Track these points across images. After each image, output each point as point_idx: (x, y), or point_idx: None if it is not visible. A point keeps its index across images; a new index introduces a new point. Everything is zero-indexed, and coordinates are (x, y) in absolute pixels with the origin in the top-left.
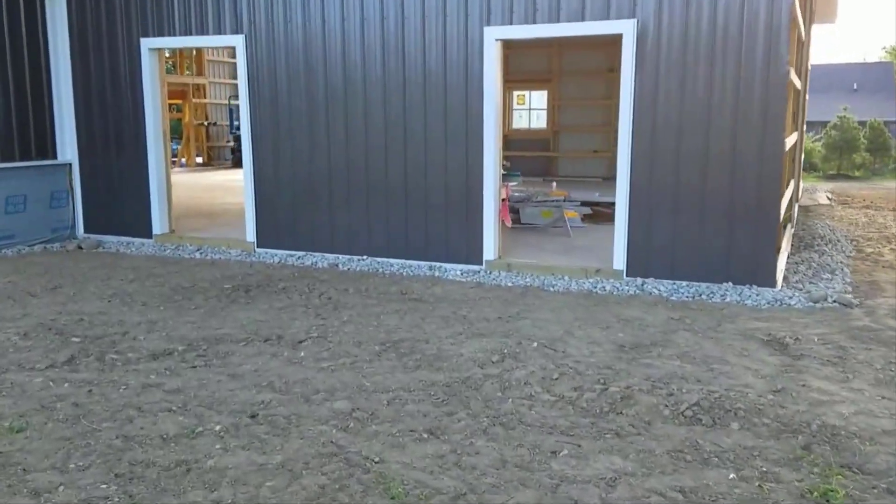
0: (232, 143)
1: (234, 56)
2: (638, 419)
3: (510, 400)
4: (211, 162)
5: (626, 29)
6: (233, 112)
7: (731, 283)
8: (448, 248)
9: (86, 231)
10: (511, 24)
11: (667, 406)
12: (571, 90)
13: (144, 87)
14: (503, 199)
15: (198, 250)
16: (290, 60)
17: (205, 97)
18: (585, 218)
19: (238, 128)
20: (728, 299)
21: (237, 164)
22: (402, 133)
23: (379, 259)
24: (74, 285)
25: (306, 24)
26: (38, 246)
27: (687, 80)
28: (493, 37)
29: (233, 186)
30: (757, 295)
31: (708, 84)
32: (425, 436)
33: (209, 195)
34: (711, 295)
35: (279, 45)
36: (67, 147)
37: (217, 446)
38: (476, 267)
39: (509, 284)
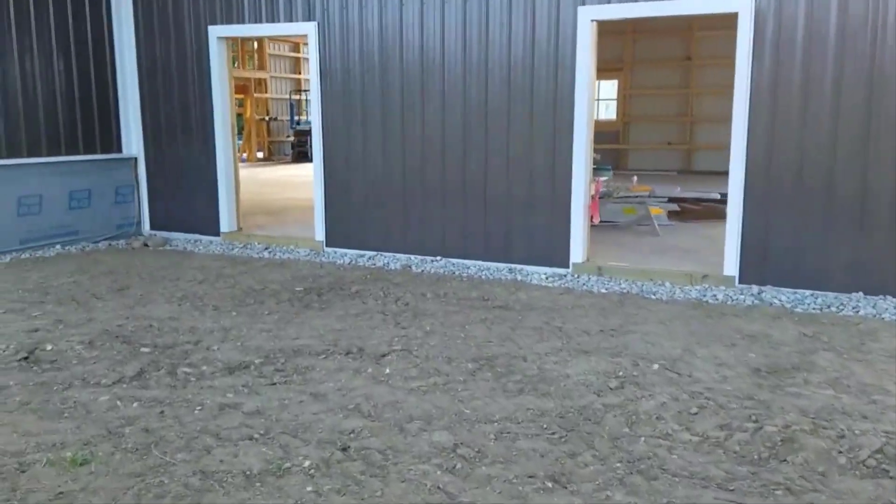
0: (292, 139)
1: (295, 50)
2: (808, 469)
3: (642, 439)
4: (271, 157)
5: (742, 6)
6: (293, 107)
7: (861, 294)
8: (531, 249)
9: (151, 228)
10: (608, 2)
11: (840, 452)
12: (644, 79)
13: (212, 77)
14: (592, 196)
15: (266, 249)
16: (365, 49)
17: (266, 92)
18: (671, 215)
19: (298, 123)
20: (862, 312)
21: (297, 159)
22: (483, 125)
23: (454, 260)
24: (142, 286)
25: (382, 10)
26: (103, 243)
27: (812, 64)
28: (589, 17)
29: (294, 182)
30: (895, 307)
31: (838, 68)
32: (549, 484)
33: (272, 191)
34: (841, 307)
35: (353, 32)
36: (133, 140)
37: (308, 488)
38: (562, 270)
39: (603, 291)
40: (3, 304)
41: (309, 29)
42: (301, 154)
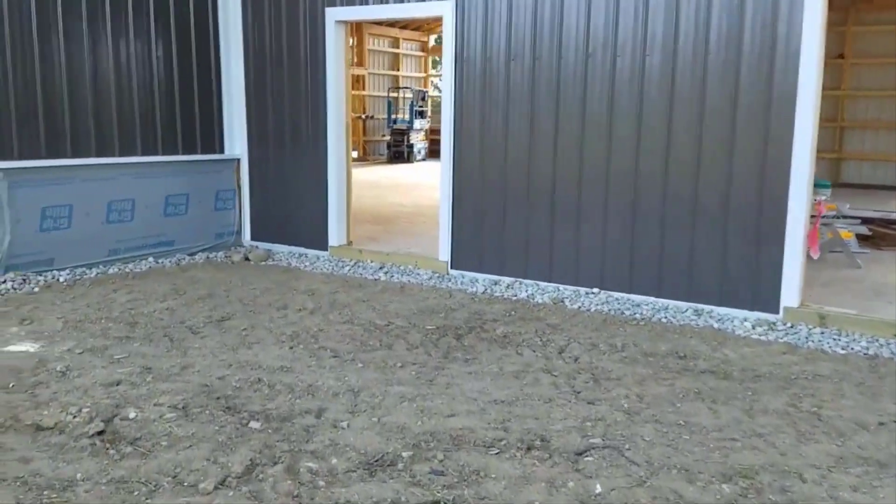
0: (388, 138)
1: (394, 46)
2: None
3: None
4: (366, 157)
5: None
6: (391, 105)
7: None
8: (725, 284)
9: (252, 238)
10: None
11: None
12: (863, 79)
13: (327, 68)
14: (813, 218)
15: (381, 268)
16: (513, 32)
17: (363, 89)
18: (863, 241)
19: (395, 121)
20: None
21: (392, 159)
22: (665, 122)
23: (617, 295)
24: (245, 316)
25: None
26: (200, 254)
27: None
28: None
29: (395, 184)
30: None
31: None
32: None
33: (373, 193)
34: None
35: (498, 13)
36: (236, 139)
37: None
38: (770, 316)
39: (839, 350)
40: (83, 338)
41: (444, 9)
42: (397, 154)
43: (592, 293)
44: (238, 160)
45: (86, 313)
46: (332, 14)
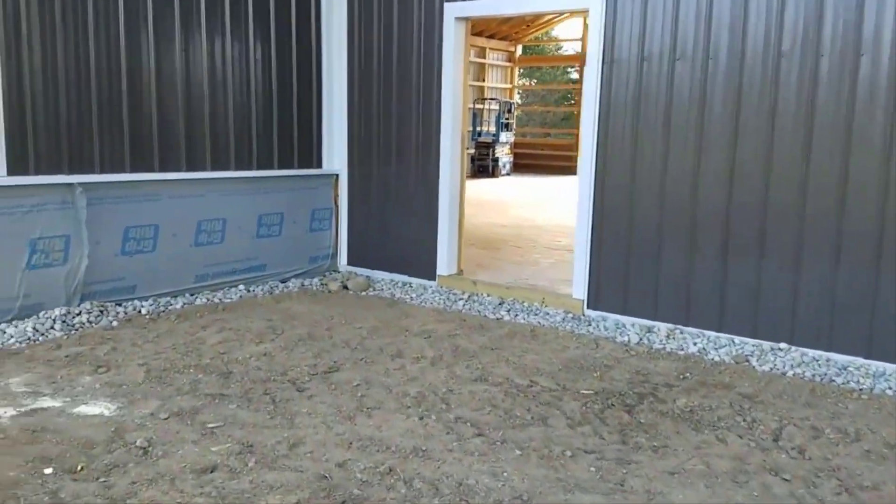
0: (472, 151)
1: (480, 56)
2: None
3: None
4: None
5: None
6: (476, 117)
7: None
8: None
9: (349, 262)
10: None
11: None
12: None
13: (443, 71)
14: None
15: (500, 305)
16: (680, 24)
17: None
18: None
19: (480, 134)
20: None
21: (476, 173)
22: (884, 139)
23: (811, 352)
24: (356, 366)
25: None
26: (293, 280)
27: None
28: None
29: (484, 201)
30: None
31: None
32: None
33: (468, 212)
34: None
35: (662, 4)
36: (335, 152)
37: None
38: None
39: None
40: (169, 395)
41: (592, 3)
42: (481, 168)
43: (780, 349)
44: (336, 175)
45: (171, 358)
46: (452, 9)
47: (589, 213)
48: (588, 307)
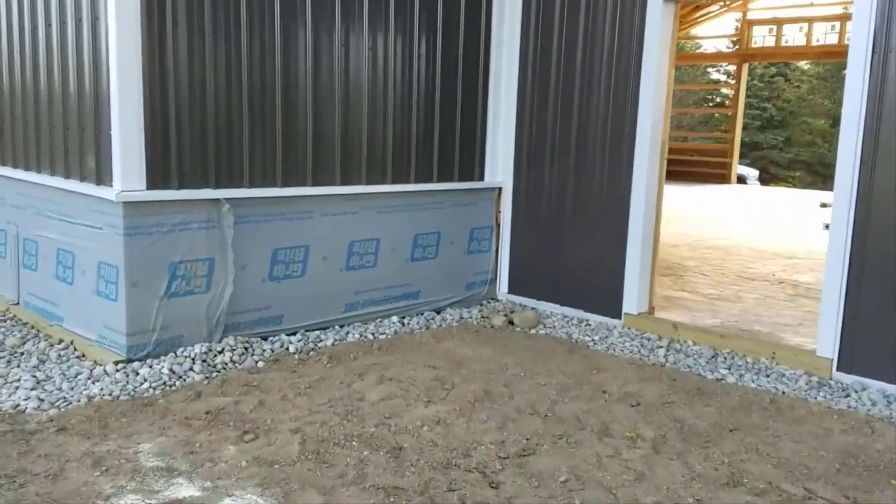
0: None
1: None
2: None
3: None
4: None
5: None
6: None
7: None
8: None
9: (509, 290)
10: None
11: None
12: None
13: (644, 66)
14: None
15: (714, 358)
16: None
17: None
18: None
19: None
20: None
21: None
22: None
23: None
24: (554, 446)
25: None
26: (449, 311)
27: None
28: None
29: None
30: None
31: None
32: None
33: None
34: None
35: None
36: (499, 162)
37: None
38: None
39: None
40: (333, 486)
41: None
42: None
43: None
44: (499, 189)
45: (329, 423)
46: None
47: (846, 241)
48: (838, 369)
